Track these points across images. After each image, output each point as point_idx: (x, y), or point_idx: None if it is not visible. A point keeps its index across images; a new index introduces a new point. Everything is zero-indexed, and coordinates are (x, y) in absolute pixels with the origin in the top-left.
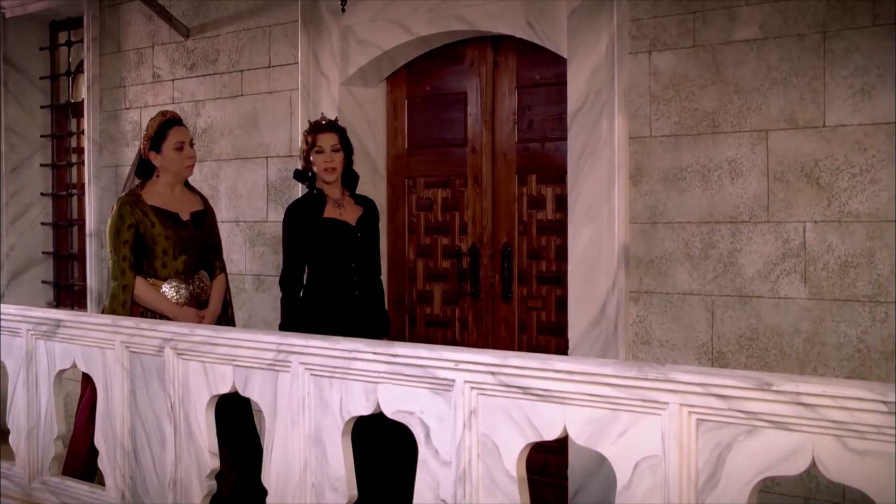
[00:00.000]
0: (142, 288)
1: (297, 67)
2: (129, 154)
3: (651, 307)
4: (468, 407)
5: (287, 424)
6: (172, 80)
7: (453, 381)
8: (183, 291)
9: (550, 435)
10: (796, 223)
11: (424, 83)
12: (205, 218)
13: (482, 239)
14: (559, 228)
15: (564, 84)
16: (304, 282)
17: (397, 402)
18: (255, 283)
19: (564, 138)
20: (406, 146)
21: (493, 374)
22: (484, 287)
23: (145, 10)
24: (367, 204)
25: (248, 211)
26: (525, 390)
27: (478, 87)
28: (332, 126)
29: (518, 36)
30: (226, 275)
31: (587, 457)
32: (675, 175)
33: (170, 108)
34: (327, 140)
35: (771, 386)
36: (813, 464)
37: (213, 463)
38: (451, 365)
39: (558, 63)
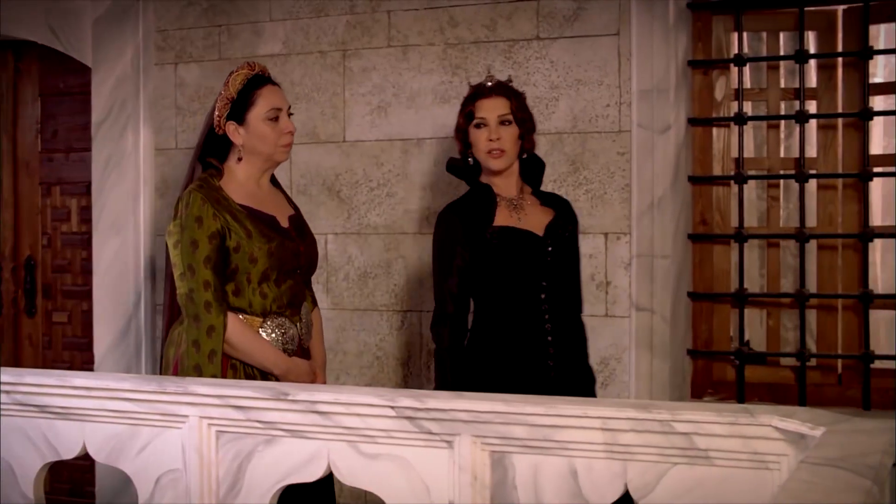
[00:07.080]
0: (238, 331)
1: None
2: None
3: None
4: None
5: None
6: None
7: None
8: (291, 333)
9: (69, 454)
10: (319, 235)
11: None
12: (305, 225)
13: (4, 252)
14: (85, 241)
15: (90, 94)
16: (469, 324)
17: None
18: None
19: (90, 149)
20: None
21: (8, 392)
22: (6, 302)
23: None
24: (560, 205)
25: None
26: (42, 408)
27: None
28: (501, 88)
29: (40, 42)
30: (318, 308)
31: (115, 474)
32: None
33: None
34: (492, 108)
35: (287, 395)
36: (330, 469)
37: None
38: None
39: (84, 72)
